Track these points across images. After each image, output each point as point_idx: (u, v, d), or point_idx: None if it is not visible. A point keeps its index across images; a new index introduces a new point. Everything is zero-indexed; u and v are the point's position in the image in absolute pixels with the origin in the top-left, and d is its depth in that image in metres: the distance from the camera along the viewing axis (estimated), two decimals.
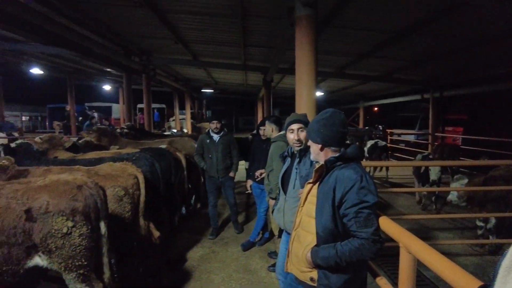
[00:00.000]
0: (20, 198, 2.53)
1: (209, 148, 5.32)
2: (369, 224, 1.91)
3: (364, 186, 1.95)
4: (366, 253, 1.91)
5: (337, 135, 2.12)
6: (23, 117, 29.30)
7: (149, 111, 11.57)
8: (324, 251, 1.99)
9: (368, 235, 1.90)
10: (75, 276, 2.55)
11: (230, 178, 5.44)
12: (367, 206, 1.92)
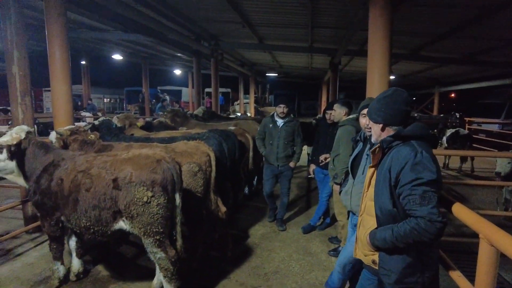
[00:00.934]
0: (109, 168, 2.87)
1: (271, 133, 4.93)
2: (425, 202, 1.79)
3: (418, 162, 1.83)
4: (422, 233, 1.78)
5: (399, 113, 2.01)
6: (105, 99, 32.50)
7: (216, 95, 12.01)
8: (381, 232, 1.95)
9: (424, 213, 1.78)
10: (152, 241, 2.83)
11: (290, 168, 4.99)
12: (422, 183, 1.80)
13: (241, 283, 3.71)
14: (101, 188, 2.83)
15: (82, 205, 2.93)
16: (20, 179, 3.52)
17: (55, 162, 3.28)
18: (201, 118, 8.03)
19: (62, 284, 3.55)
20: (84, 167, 3.00)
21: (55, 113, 4.89)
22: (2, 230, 4.93)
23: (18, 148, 3.35)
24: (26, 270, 3.90)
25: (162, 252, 2.85)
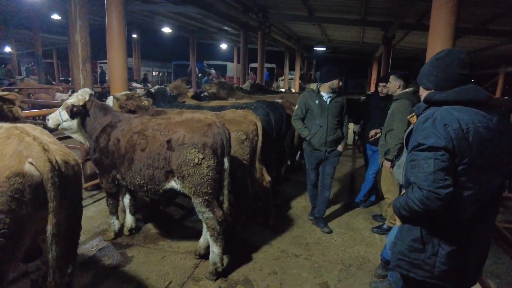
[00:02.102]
0: (163, 130, 2.99)
1: (318, 112, 3.98)
2: (420, 169, 1.64)
3: (427, 127, 1.66)
4: (413, 201, 1.66)
5: (453, 77, 1.75)
6: (153, 72, 33.66)
7: (262, 69, 11.92)
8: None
9: (416, 180, 1.66)
10: (201, 201, 2.94)
11: (338, 152, 4.15)
12: (423, 149, 1.65)
13: (283, 250, 3.78)
14: (155, 149, 2.97)
15: (137, 164, 3.10)
16: (82, 138, 3.80)
17: (113, 123, 3.48)
18: (247, 91, 8.05)
19: (117, 237, 3.86)
20: (140, 128, 3.16)
21: (111, 80, 5.17)
22: None
23: (82, 109, 3.60)
24: (86, 222, 4.27)
25: (210, 212, 2.96)
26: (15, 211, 1.68)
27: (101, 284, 3.05)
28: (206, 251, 3.42)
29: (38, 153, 1.74)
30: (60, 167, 1.84)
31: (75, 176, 2.00)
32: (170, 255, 3.58)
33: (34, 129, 1.98)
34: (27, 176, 1.72)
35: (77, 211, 2.10)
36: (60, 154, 1.90)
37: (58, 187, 1.77)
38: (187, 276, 3.23)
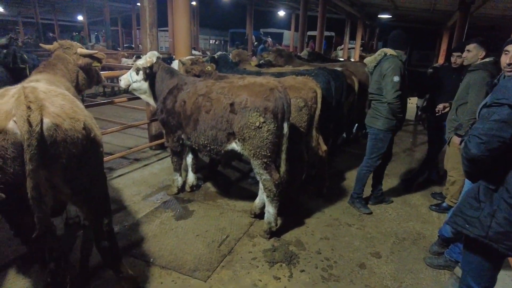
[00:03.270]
0: (227, 93, 3.09)
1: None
2: (480, 121, 1.75)
3: (503, 85, 1.71)
4: (464, 150, 1.77)
5: None
6: (210, 40, 34.03)
7: (322, 37, 11.48)
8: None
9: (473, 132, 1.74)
10: (260, 163, 3.05)
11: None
12: (496, 104, 1.69)
13: (335, 218, 3.83)
14: (219, 111, 3.10)
15: (201, 125, 3.28)
16: (150, 99, 4.08)
17: (179, 86, 3.67)
18: (305, 60, 7.88)
19: (179, 192, 4.18)
20: (204, 91, 3.30)
21: (176, 45, 5.37)
22: (132, 144, 5.89)
23: (150, 71, 3.84)
24: (151, 177, 4.67)
25: (268, 174, 3.07)
26: (3, 168, 1.67)
27: (167, 233, 3.37)
28: (261, 211, 3.59)
29: (21, 112, 1.64)
30: (45, 129, 1.68)
31: (73, 142, 1.81)
32: (227, 212, 3.81)
33: (46, 91, 1.91)
34: (10, 133, 1.65)
35: (80, 177, 1.95)
36: (53, 116, 1.73)
37: (36, 148, 1.61)
38: (243, 232, 3.43)
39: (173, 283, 2.70)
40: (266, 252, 3.14)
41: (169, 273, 2.80)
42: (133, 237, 3.27)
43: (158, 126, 5.66)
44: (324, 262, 3.07)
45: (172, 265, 2.88)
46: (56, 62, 3.02)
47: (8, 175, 1.65)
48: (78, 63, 3.18)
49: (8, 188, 1.68)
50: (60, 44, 3.22)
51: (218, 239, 3.30)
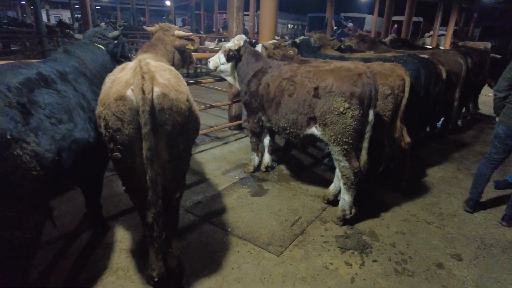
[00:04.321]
0: (312, 77, 3.12)
1: None
2: None
3: None
4: None
5: None
6: (288, 24, 33.73)
7: (410, 22, 10.65)
8: None
9: None
10: (340, 149, 3.05)
11: None
12: None
13: (413, 214, 3.66)
14: (302, 95, 3.15)
15: (283, 108, 3.36)
16: (235, 81, 4.28)
17: (263, 69, 3.79)
18: (390, 46, 7.43)
19: (255, 171, 4.37)
20: (289, 75, 3.36)
21: (261, 29, 5.50)
22: (213, 123, 6.26)
23: (237, 53, 4.02)
24: (230, 155, 4.95)
25: (347, 162, 3.06)
26: (121, 130, 1.92)
27: (243, 207, 3.58)
28: (334, 198, 3.60)
29: (137, 81, 1.86)
30: (155, 97, 1.88)
31: (178, 111, 1.99)
32: (300, 195, 3.89)
33: (157, 66, 2.11)
34: (128, 100, 1.87)
35: (179, 145, 2.11)
36: (162, 86, 1.93)
37: (149, 114, 1.82)
38: (315, 216, 3.49)
39: (248, 253, 2.89)
40: (338, 238, 3.16)
41: (245, 244, 3.00)
42: (213, 207, 3.55)
43: (237, 108, 5.93)
44: (398, 256, 2.99)
45: (247, 237, 3.08)
46: (157, 43, 3.34)
47: (124, 137, 1.92)
48: (175, 44, 3.47)
49: (123, 148, 1.96)
50: (161, 27, 3.54)
51: (290, 219, 3.41)
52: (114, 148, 1.96)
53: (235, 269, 2.70)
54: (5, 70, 1.93)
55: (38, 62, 2.35)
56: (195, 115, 2.25)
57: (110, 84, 1.99)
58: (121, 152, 1.98)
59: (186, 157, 2.30)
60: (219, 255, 2.84)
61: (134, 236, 3.05)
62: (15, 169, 1.66)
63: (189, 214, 3.40)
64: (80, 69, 2.53)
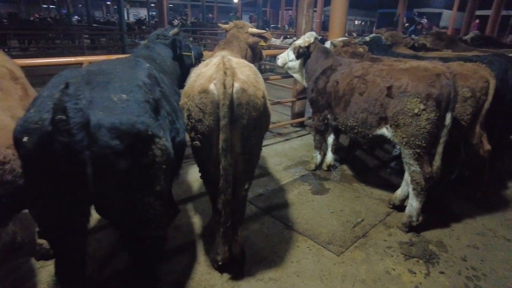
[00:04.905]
0: (385, 76, 3.02)
1: None
2: None
3: None
4: None
5: None
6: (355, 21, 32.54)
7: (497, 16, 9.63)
8: None
9: None
10: (411, 153, 2.92)
11: None
12: None
13: (489, 228, 3.36)
14: (374, 94, 3.06)
15: (352, 107, 3.31)
16: (302, 78, 4.30)
17: (333, 67, 3.75)
18: (471, 44, 6.82)
19: (316, 169, 4.36)
20: (360, 73, 3.29)
21: (331, 25, 5.42)
22: (276, 119, 6.34)
23: (306, 50, 4.03)
24: (291, 151, 4.99)
25: (418, 166, 2.91)
26: (202, 121, 2.05)
27: (304, 204, 3.61)
28: (401, 203, 3.45)
29: (220, 76, 1.99)
30: (235, 92, 1.99)
31: (254, 106, 2.08)
32: (363, 197, 3.80)
33: (238, 62, 2.24)
34: (210, 93, 2.00)
35: (252, 139, 2.18)
36: (241, 82, 2.04)
37: (228, 107, 1.94)
38: (379, 220, 3.39)
39: (308, 249, 2.92)
40: (403, 244, 3.04)
41: (305, 240, 3.03)
42: (274, 201, 3.63)
43: (301, 105, 5.94)
44: (469, 271, 2.78)
45: (308, 233, 3.11)
46: (232, 40, 3.49)
47: (204, 127, 2.07)
48: (248, 41, 3.58)
49: (202, 138, 2.12)
50: (235, 24, 3.68)
51: (352, 220, 3.36)
52: (194, 137, 2.12)
53: (294, 263, 2.75)
54: (133, 66, 1.99)
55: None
56: (268, 111, 2.33)
57: (195, 78, 2.16)
58: (200, 141, 2.13)
59: (257, 151, 2.39)
60: (279, 247, 2.92)
61: (200, 220, 3.26)
62: (153, 164, 1.66)
63: (251, 205, 3.52)
64: (163, 66, 2.64)
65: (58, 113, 1.22)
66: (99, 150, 1.38)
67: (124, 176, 1.52)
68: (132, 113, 1.51)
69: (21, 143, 1.37)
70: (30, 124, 1.35)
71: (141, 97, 1.64)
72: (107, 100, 1.47)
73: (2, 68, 2.00)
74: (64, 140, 1.23)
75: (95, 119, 1.36)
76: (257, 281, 2.55)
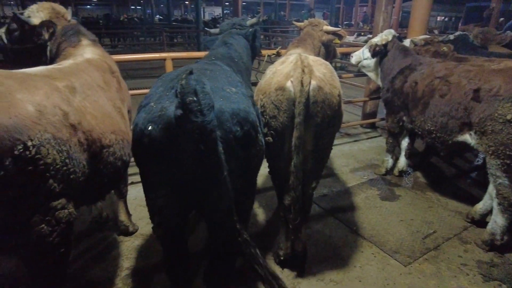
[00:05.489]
0: (472, 78, 2.75)
1: None
2: None
3: None
4: None
5: None
6: (438, 17, 29.90)
7: None
8: None
9: None
10: (499, 164, 2.62)
11: None
12: None
13: None
14: (457, 97, 2.82)
15: (431, 109, 3.08)
16: (377, 77, 4.12)
17: (412, 66, 3.53)
18: None
19: (387, 174, 4.15)
20: (443, 73, 3.05)
21: (411, 23, 5.08)
22: (344, 119, 6.13)
23: (383, 49, 3.85)
24: (360, 153, 4.82)
25: (506, 179, 2.61)
26: (276, 117, 2.09)
27: (371, 209, 3.48)
28: (481, 218, 3.14)
29: (297, 74, 2.00)
30: (311, 90, 1.99)
31: (329, 104, 2.07)
32: (437, 207, 3.52)
33: (314, 60, 2.24)
34: (286, 90, 2.03)
35: (324, 137, 2.17)
36: (318, 80, 2.03)
37: (304, 105, 1.95)
38: (453, 233, 3.12)
39: (372, 255, 2.81)
40: (482, 264, 2.76)
41: (370, 246, 2.92)
42: (339, 203, 3.56)
43: (373, 105, 5.69)
44: None
45: (373, 240, 2.99)
46: (306, 37, 3.48)
47: (278, 124, 2.11)
48: (322, 39, 3.54)
49: (275, 134, 2.16)
50: (310, 22, 3.66)
51: (423, 231, 3.14)
52: (267, 132, 2.17)
53: (357, 268, 2.67)
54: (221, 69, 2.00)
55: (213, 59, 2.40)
56: (342, 110, 2.30)
57: (271, 75, 2.21)
58: (273, 137, 2.19)
59: (328, 150, 2.37)
60: (342, 250, 2.86)
61: (264, 214, 3.34)
62: (258, 155, 1.71)
63: (315, 205, 3.50)
64: (240, 65, 2.56)
65: (189, 95, 1.26)
66: (224, 135, 1.42)
67: (238, 164, 1.54)
68: (244, 104, 1.56)
69: (145, 133, 1.44)
70: (152, 114, 1.44)
71: (246, 92, 1.72)
72: (222, 90, 1.55)
73: (103, 63, 2.27)
74: (198, 121, 1.26)
75: (217, 105, 1.42)
76: (317, 281, 2.54)
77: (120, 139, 1.98)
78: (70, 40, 2.43)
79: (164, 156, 1.46)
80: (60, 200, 1.48)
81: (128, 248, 2.85)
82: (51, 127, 1.43)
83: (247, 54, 2.81)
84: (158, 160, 1.49)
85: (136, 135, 1.50)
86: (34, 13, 2.53)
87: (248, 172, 1.67)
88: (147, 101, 1.56)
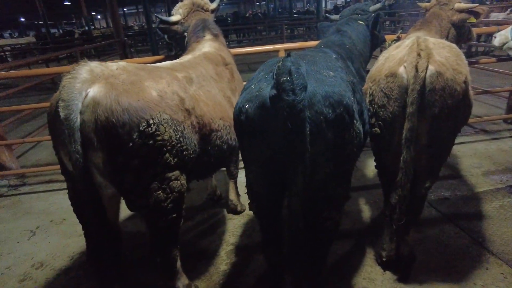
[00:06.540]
0: None
1: None
2: None
3: None
4: None
5: None
6: None
7: None
8: None
9: None
10: None
11: None
12: None
13: None
14: None
15: None
16: None
17: None
18: None
19: None
20: None
21: None
22: (482, 112, 5.23)
23: None
24: (498, 154, 4.03)
25: None
26: (385, 107, 1.92)
27: (505, 220, 2.90)
28: None
29: (412, 58, 1.82)
30: (428, 76, 1.79)
31: (450, 93, 1.82)
32: None
33: (435, 42, 1.97)
34: (398, 77, 1.86)
35: (442, 131, 1.92)
36: (437, 65, 1.81)
37: (418, 93, 1.76)
38: None
39: (501, 275, 2.36)
40: None
41: (499, 264, 2.45)
42: (463, 209, 3.08)
43: None
44: None
45: (504, 257, 2.49)
46: (431, 19, 3.06)
47: (387, 113, 1.94)
48: (452, 20, 3.06)
49: (384, 125, 2.00)
50: (438, 1, 3.20)
51: None
52: (375, 123, 2.03)
53: (478, 286, 2.28)
54: (325, 55, 1.94)
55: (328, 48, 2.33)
56: (469, 100, 1.98)
57: (383, 61, 2.06)
58: (380, 129, 2.03)
59: (448, 146, 2.09)
60: (459, 262, 2.48)
61: (370, 211, 3.15)
62: (352, 142, 1.61)
63: (431, 208, 3.12)
64: (353, 51, 2.46)
65: (283, 75, 1.32)
66: (314, 116, 1.44)
67: (328, 147, 1.52)
68: (340, 87, 1.54)
69: (242, 110, 1.54)
70: (251, 94, 1.55)
71: (345, 76, 1.68)
72: (318, 73, 1.57)
73: (218, 56, 2.50)
74: (289, 99, 1.31)
75: (310, 87, 1.45)
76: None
77: (228, 125, 2.18)
78: (196, 35, 2.79)
79: (257, 133, 1.53)
80: (174, 172, 1.74)
81: (235, 225, 3.11)
82: (169, 110, 1.68)
83: (363, 41, 2.70)
84: (251, 136, 1.58)
85: (236, 112, 1.61)
86: (176, 10, 2.99)
87: (340, 158, 1.59)
88: (249, 84, 1.67)
